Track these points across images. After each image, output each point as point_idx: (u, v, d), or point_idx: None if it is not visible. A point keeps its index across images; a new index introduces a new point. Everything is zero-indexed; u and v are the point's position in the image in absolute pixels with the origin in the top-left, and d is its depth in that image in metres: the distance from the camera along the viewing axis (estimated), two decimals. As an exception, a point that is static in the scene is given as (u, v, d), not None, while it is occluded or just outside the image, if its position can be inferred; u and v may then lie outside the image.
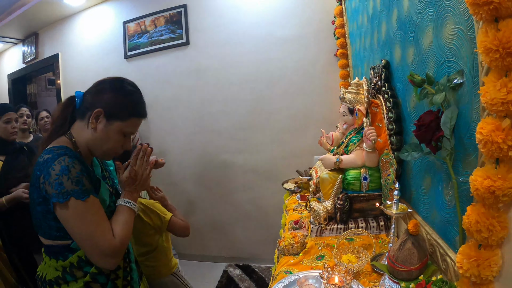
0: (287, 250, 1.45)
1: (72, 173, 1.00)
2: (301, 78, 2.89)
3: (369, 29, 1.78)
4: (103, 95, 1.13)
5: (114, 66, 3.45)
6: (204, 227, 3.34)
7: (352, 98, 1.60)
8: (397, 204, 1.13)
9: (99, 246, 1.02)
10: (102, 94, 1.14)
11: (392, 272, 1.00)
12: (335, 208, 1.51)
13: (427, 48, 1.03)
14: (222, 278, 2.97)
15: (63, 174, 0.98)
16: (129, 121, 1.14)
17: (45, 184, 0.99)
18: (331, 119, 2.72)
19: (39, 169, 1.01)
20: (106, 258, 1.04)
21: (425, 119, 0.92)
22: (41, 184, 1.00)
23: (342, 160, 1.52)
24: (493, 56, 0.62)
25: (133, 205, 1.16)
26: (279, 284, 1.17)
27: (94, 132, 1.10)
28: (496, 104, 0.62)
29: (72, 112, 1.16)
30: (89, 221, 1.01)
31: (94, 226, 1.02)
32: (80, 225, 1.01)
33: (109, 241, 1.03)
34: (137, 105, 1.18)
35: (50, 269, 1.09)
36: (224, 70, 3.09)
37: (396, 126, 1.36)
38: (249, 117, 3.07)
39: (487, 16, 0.64)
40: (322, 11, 2.75)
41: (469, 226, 0.68)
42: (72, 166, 1.00)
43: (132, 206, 1.16)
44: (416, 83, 0.97)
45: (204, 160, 3.25)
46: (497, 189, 0.62)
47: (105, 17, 3.50)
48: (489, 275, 0.66)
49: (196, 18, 3.13)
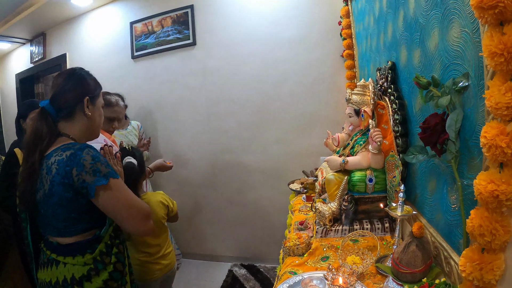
0: (292, 250, 1.45)
1: (101, 159, 1.14)
2: (307, 78, 2.89)
3: (375, 30, 1.77)
4: (77, 87, 1.24)
5: (121, 66, 3.48)
6: (210, 226, 3.36)
7: (358, 100, 1.60)
8: (402, 206, 1.13)
9: (141, 210, 1.19)
10: (77, 86, 1.24)
11: (396, 274, 1.00)
12: (341, 210, 1.52)
13: (433, 50, 1.03)
14: (227, 277, 2.98)
15: (96, 161, 1.11)
16: (100, 93, 1.33)
17: (81, 175, 1.08)
18: (338, 120, 2.72)
19: (66, 165, 1.09)
20: (147, 221, 1.21)
21: (431, 121, 0.92)
22: (75, 177, 1.09)
23: (348, 161, 1.52)
24: (498, 60, 0.62)
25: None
26: (284, 285, 1.18)
27: (89, 118, 1.26)
28: (501, 108, 0.62)
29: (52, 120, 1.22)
30: (128, 193, 1.18)
31: (131, 195, 1.19)
32: (124, 199, 1.15)
33: (145, 205, 1.23)
34: (96, 79, 1.34)
35: (76, 267, 1.15)
36: (230, 70, 3.10)
37: (402, 128, 1.36)
38: (256, 117, 3.07)
39: (492, 20, 0.64)
40: (328, 11, 2.74)
41: (473, 230, 0.68)
42: (97, 153, 1.15)
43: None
44: (422, 85, 0.97)
45: (210, 160, 3.26)
46: (500, 193, 0.62)
47: (112, 17, 3.53)
48: (492, 278, 0.66)
49: (202, 19, 3.14)
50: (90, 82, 1.28)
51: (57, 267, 1.15)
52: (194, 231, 3.41)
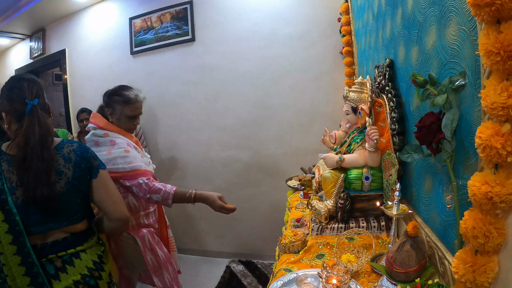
0: (288, 247, 1.45)
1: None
2: (306, 75, 2.87)
3: (374, 27, 1.76)
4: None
5: (120, 62, 3.47)
6: (208, 222, 3.36)
7: (356, 97, 1.58)
8: (397, 205, 1.12)
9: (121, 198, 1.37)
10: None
11: (390, 274, 1.00)
12: (337, 207, 1.51)
13: (431, 48, 1.02)
14: (225, 273, 2.99)
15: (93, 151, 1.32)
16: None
17: (92, 159, 1.28)
18: (336, 117, 2.70)
19: (83, 152, 1.26)
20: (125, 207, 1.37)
21: (426, 120, 0.91)
22: (90, 161, 1.27)
23: (345, 159, 1.51)
24: (494, 59, 0.61)
25: None
26: (278, 282, 1.18)
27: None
28: (497, 108, 0.61)
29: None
30: (112, 181, 1.36)
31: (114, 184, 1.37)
32: (112, 185, 1.34)
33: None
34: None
35: (94, 249, 1.27)
36: (229, 66, 3.09)
37: (399, 126, 1.35)
38: (254, 114, 3.07)
39: (489, 17, 0.62)
40: (328, 8, 2.73)
41: (466, 232, 0.67)
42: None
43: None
44: (419, 83, 0.96)
45: (209, 156, 3.26)
46: (494, 195, 0.61)
47: (112, 13, 3.52)
48: (485, 281, 0.65)
49: (202, 15, 3.12)
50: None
51: (81, 259, 1.19)
52: (191, 227, 3.41)
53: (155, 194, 1.62)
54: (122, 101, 1.73)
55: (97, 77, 3.60)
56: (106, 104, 1.77)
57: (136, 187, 1.63)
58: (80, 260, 1.18)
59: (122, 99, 1.73)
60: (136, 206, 1.74)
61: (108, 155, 1.62)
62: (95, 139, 1.70)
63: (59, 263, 1.15)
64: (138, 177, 1.64)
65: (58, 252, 1.15)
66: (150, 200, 1.65)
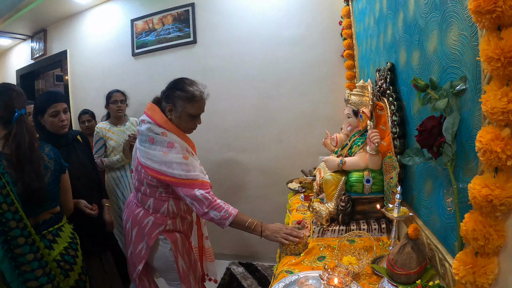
0: (289, 250, 1.46)
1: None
2: (307, 78, 2.89)
3: (375, 30, 1.77)
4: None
5: (122, 63, 3.48)
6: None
7: (357, 100, 1.60)
8: (398, 208, 1.14)
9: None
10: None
11: (391, 276, 1.01)
12: (338, 210, 1.52)
13: (432, 53, 1.03)
14: (225, 275, 2.99)
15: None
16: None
17: (60, 158, 1.62)
18: (337, 120, 2.72)
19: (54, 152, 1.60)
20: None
21: (427, 124, 0.92)
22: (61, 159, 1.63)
23: (346, 162, 1.52)
24: (495, 65, 0.62)
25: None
26: (280, 284, 1.19)
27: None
28: (497, 113, 0.62)
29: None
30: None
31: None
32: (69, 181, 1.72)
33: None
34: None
35: (67, 225, 1.62)
36: (230, 69, 3.10)
37: (399, 129, 1.36)
38: (255, 116, 3.08)
39: (490, 24, 0.63)
40: (329, 11, 2.74)
41: (466, 234, 0.68)
42: None
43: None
44: (420, 87, 0.97)
45: (209, 158, 3.26)
46: (494, 198, 0.62)
47: (113, 14, 3.53)
48: (485, 282, 0.67)
49: (203, 17, 3.14)
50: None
51: (64, 231, 1.56)
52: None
53: (214, 211, 1.53)
54: (186, 97, 1.60)
55: (98, 79, 3.62)
56: (166, 97, 1.62)
57: (192, 199, 1.52)
58: (63, 233, 1.55)
59: (186, 95, 1.60)
60: (175, 212, 1.67)
61: (164, 156, 1.51)
62: (152, 135, 1.55)
63: (50, 237, 1.49)
64: (195, 188, 1.52)
65: (48, 228, 1.49)
66: (206, 215, 1.54)
